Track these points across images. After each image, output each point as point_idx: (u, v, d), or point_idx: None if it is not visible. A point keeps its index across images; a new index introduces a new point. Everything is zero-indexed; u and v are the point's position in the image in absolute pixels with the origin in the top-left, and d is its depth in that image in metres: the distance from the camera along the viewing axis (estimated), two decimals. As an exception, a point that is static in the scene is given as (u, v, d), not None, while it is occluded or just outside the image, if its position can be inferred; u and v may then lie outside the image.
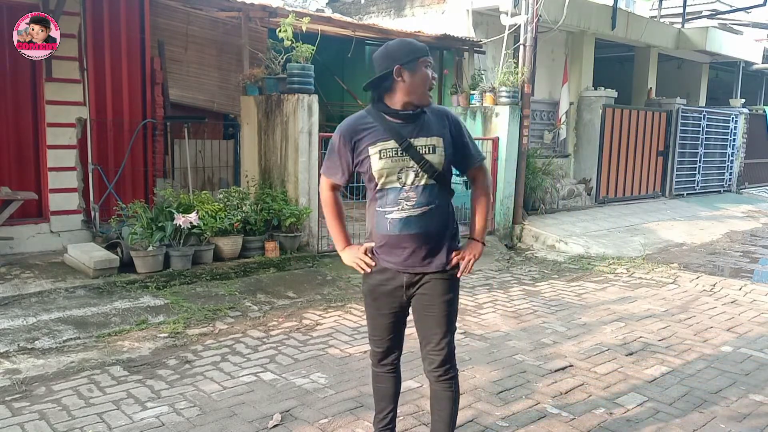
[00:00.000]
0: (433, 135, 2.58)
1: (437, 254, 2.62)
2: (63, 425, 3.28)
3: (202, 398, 3.64)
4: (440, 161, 2.57)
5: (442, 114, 2.65)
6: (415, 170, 2.56)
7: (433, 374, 2.70)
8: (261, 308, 5.36)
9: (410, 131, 2.57)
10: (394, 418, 2.91)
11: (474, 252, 2.69)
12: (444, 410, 2.72)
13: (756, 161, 15.66)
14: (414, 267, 2.61)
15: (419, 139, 2.57)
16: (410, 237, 2.57)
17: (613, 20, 10.90)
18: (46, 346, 4.32)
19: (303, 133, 6.65)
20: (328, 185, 2.76)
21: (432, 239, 2.60)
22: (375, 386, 2.91)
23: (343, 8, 11.76)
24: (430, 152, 2.56)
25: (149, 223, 5.84)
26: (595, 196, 11.17)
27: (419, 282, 2.64)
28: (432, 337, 2.67)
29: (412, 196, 2.56)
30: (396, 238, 2.59)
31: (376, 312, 2.75)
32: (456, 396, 2.73)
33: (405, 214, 2.56)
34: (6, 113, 6.37)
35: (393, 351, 2.82)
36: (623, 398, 3.80)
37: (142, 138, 7.12)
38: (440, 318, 2.65)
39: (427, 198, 2.57)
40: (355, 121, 2.64)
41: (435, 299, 2.63)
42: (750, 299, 6.20)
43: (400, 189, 2.57)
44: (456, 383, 2.73)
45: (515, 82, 8.53)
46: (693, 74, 15.10)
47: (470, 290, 6.23)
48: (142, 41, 6.99)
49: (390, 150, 2.55)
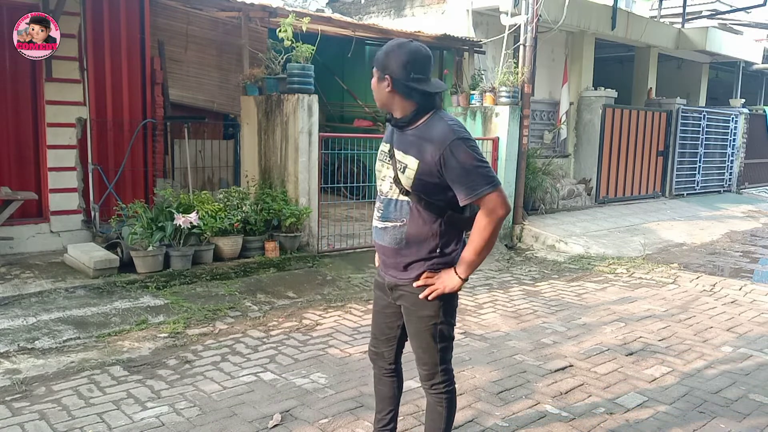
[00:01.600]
0: (409, 154, 2.38)
1: (406, 269, 2.49)
2: (63, 425, 3.28)
3: (202, 398, 3.64)
4: (407, 183, 2.39)
5: (433, 137, 2.33)
6: (390, 182, 2.47)
7: (423, 386, 2.68)
8: (261, 308, 5.35)
9: (397, 140, 2.47)
10: (394, 419, 2.88)
11: (445, 282, 2.42)
12: (434, 422, 2.67)
13: (756, 161, 15.66)
14: (390, 276, 2.57)
15: (399, 153, 2.43)
16: (379, 247, 2.59)
17: (613, 20, 10.90)
18: (46, 346, 4.32)
19: (303, 133, 6.65)
20: None
21: (398, 254, 2.48)
22: (375, 386, 2.91)
23: (343, 8, 11.76)
24: (401, 170, 2.41)
25: (149, 223, 5.84)
26: (595, 196, 11.17)
27: (398, 290, 2.56)
28: (415, 351, 2.63)
29: (381, 207, 2.53)
30: (375, 243, 2.63)
31: (374, 307, 2.80)
32: (447, 412, 2.64)
33: (375, 223, 2.57)
34: (6, 113, 6.37)
35: (384, 356, 2.77)
36: (623, 398, 3.80)
37: (142, 138, 7.11)
38: (418, 334, 2.55)
39: (392, 213, 2.46)
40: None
41: (411, 314, 2.55)
42: (750, 299, 6.20)
43: (378, 196, 2.57)
44: (448, 399, 2.63)
45: (515, 82, 8.54)
46: (693, 74, 15.10)
47: (470, 290, 6.23)
48: (142, 41, 6.99)
49: (384, 152, 2.54)
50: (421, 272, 2.47)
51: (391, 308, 2.67)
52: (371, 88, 2.51)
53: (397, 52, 2.38)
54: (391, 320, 2.70)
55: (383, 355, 2.78)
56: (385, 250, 2.55)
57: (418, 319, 2.54)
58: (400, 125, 2.45)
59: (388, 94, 2.42)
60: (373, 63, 2.45)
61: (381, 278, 2.67)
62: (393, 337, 2.73)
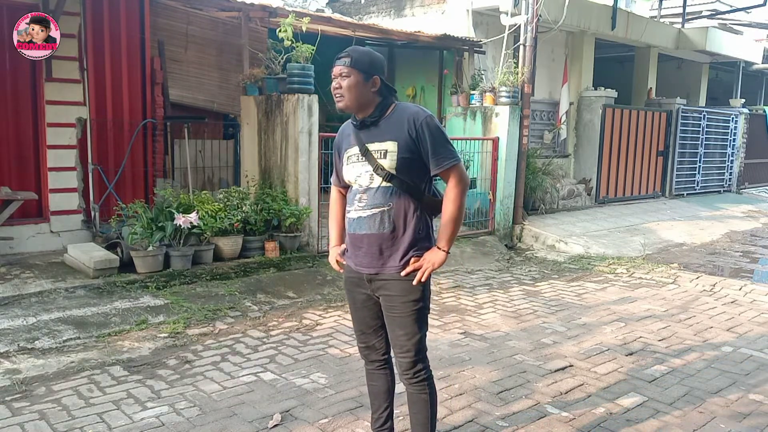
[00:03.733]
0: (386, 140, 2.60)
1: (392, 256, 2.62)
2: (63, 425, 3.28)
3: (202, 398, 3.64)
4: (392, 165, 2.57)
5: (406, 116, 2.60)
6: (369, 174, 2.62)
7: (404, 377, 2.70)
8: (261, 308, 5.35)
9: (367, 136, 2.64)
10: (390, 416, 2.89)
11: (433, 260, 2.60)
12: (420, 413, 2.71)
13: (756, 161, 15.66)
14: (369, 267, 2.66)
15: (373, 144, 2.62)
16: (362, 237, 2.65)
17: (613, 20, 10.90)
18: (46, 346, 4.32)
19: (303, 133, 6.65)
20: (334, 189, 2.96)
21: (384, 241, 2.61)
22: (368, 384, 2.93)
23: (343, 8, 11.76)
24: (382, 157, 2.59)
25: (149, 223, 5.84)
26: (595, 196, 11.17)
27: (380, 280, 2.65)
28: (396, 340, 2.67)
29: (364, 197, 2.64)
30: (352, 237, 2.71)
31: (352, 306, 2.84)
32: (431, 398, 2.71)
33: (357, 214, 2.66)
34: (6, 113, 6.37)
35: (375, 348, 2.82)
36: (623, 398, 3.80)
37: (142, 138, 7.11)
38: (402, 320, 2.64)
39: (379, 200, 2.61)
40: (341, 131, 2.83)
41: (395, 300, 2.63)
42: (750, 299, 6.20)
43: (357, 190, 2.68)
44: (429, 384, 2.71)
45: (515, 82, 8.54)
46: (693, 74, 15.10)
47: (470, 290, 6.23)
48: (142, 41, 6.99)
49: (354, 156, 2.68)
50: (407, 258, 2.60)
51: (372, 300, 2.73)
52: (340, 91, 2.58)
53: (375, 55, 2.63)
54: (374, 311, 2.76)
55: (375, 347, 2.83)
56: (369, 239, 2.63)
57: (403, 305, 2.62)
58: (370, 122, 2.63)
59: (372, 94, 2.60)
60: (351, 65, 2.56)
61: (355, 273, 2.73)
62: (380, 326, 2.79)
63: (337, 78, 2.59)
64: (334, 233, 2.94)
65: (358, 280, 2.73)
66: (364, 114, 2.64)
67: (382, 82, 2.61)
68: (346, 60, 2.56)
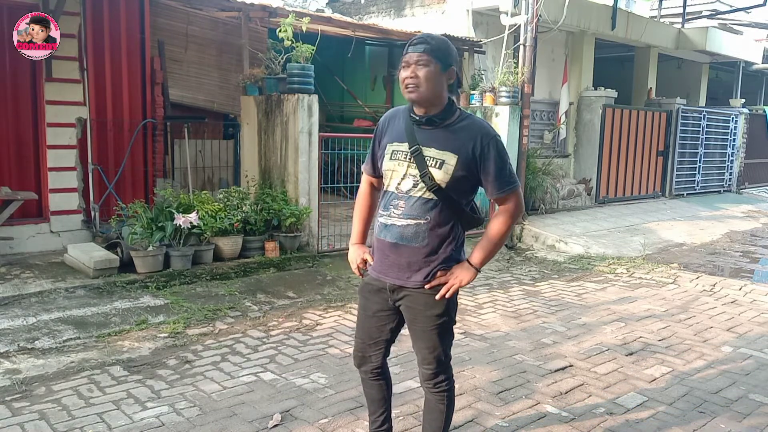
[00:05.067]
0: (447, 150, 2.38)
1: (419, 270, 2.46)
2: (63, 425, 3.28)
3: (202, 398, 3.64)
4: (444, 178, 2.37)
5: (475, 131, 2.40)
6: (414, 179, 2.42)
7: (425, 386, 2.66)
8: (261, 308, 5.35)
9: (424, 138, 2.42)
10: (387, 420, 2.85)
11: (461, 276, 2.44)
12: (435, 421, 2.66)
13: (756, 161, 15.66)
14: (395, 279, 2.51)
15: (430, 150, 2.40)
16: (390, 245, 2.49)
17: (613, 20, 10.90)
18: (46, 346, 4.32)
19: (303, 133, 6.65)
20: (365, 178, 2.74)
21: (414, 254, 2.45)
22: (364, 390, 2.88)
23: (343, 8, 11.76)
24: (436, 166, 2.38)
25: (149, 223, 5.84)
26: (595, 196, 11.17)
27: (402, 292, 2.52)
28: (419, 351, 2.59)
29: (401, 205, 2.45)
30: (381, 243, 2.54)
31: (362, 312, 2.70)
32: (448, 409, 2.66)
33: (390, 221, 2.48)
34: (6, 113, 6.36)
35: (371, 360, 2.70)
36: (623, 398, 3.80)
37: (142, 138, 7.11)
38: (424, 333, 2.52)
39: (417, 211, 2.42)
40: (390, 115, 2.60)
41: (418, 314, 2.50)
42: (750, 299, 6.20)
43: (394, 194, 2.49)
44: (449, 396, 2.64)
45: (515, 82, 8.54)
46: (693, 74, 15.10)
47: (470, 290, 6.23)
48: (142, 41, 6.99)
49: (400, 152, 2.47)
50: (434, 272, 2.46)
51: (386, 311, 2.61)
52: (416, 81, 2.34)
53: (451, 44, 2.42)
54: (383, 324, 2.64)
55: (370, 359, 2.71)
56: (398, 249, 2.47)
57: (426, 318, 2.50)
58: (434, 122, 2.42)
59: (446, 87, 2.41)
60: (429, 52, 2.34)
61: (377, 281, 2.58)
62: (382, 341, 2.67)
63: (411, 66, 2.34)
64: (358, 229, 2.73)
65: (378, 287, 2.58)
66: (430, 110, 2.41)
67: (457, 76, 2.43)
68: (425, 47, 2.33)
